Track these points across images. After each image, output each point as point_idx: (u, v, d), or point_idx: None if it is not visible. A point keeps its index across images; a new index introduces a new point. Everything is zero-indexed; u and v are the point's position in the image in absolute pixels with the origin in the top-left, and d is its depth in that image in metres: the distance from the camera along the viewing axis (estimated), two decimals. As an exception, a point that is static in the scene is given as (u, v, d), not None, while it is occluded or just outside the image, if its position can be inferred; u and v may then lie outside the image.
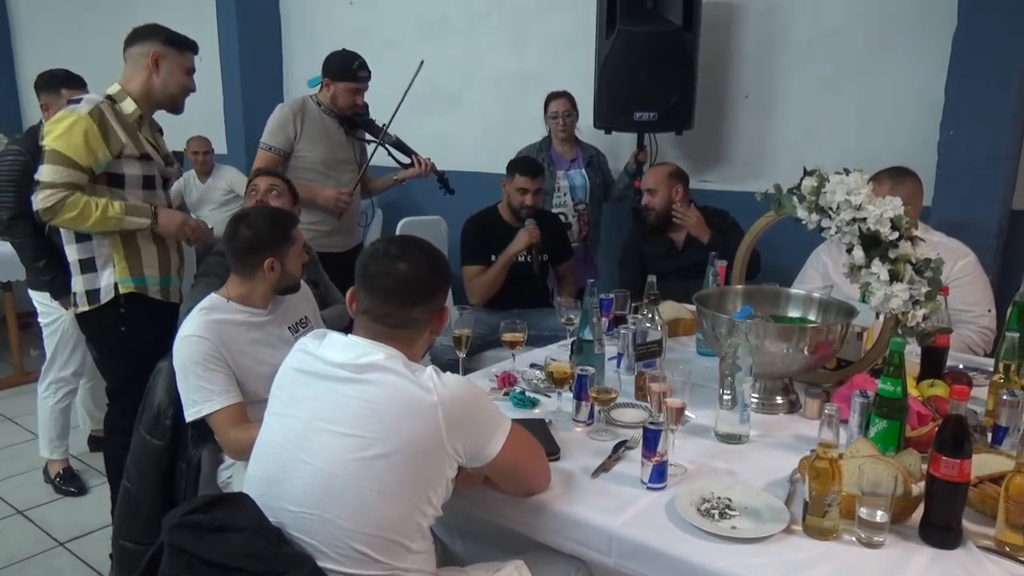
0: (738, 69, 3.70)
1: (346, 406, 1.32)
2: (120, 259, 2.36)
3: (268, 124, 3.18)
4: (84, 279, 2.37)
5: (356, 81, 3.14)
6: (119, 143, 2.29)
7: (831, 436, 1.34)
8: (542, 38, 4.30)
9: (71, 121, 2.21)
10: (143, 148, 2.37)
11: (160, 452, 1.98)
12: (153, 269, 2.42)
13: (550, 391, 1.99)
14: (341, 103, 3.17)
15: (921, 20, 3.17)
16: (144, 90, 2.38)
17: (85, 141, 2.21)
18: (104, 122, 2.25)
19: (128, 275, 2.37)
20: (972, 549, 1.31)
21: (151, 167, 2.41)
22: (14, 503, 3.08)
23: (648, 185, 3.23)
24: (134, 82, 2.38)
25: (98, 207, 2.24)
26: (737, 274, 2.24)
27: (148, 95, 2.39)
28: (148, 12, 6.41)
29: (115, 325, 2.39)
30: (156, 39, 2.38)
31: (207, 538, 1.25)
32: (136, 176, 2.36)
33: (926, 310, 1.82)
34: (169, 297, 2.49)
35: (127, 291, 2.37)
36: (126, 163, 2.33)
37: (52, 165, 2.20)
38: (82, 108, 2.24)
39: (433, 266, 1.45)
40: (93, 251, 2.35)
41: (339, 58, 3.17)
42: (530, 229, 3.18)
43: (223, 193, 4.98)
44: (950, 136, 2.90)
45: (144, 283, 2.40)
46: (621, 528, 1.39)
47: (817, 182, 1.88)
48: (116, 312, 2.38)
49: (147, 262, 2.40)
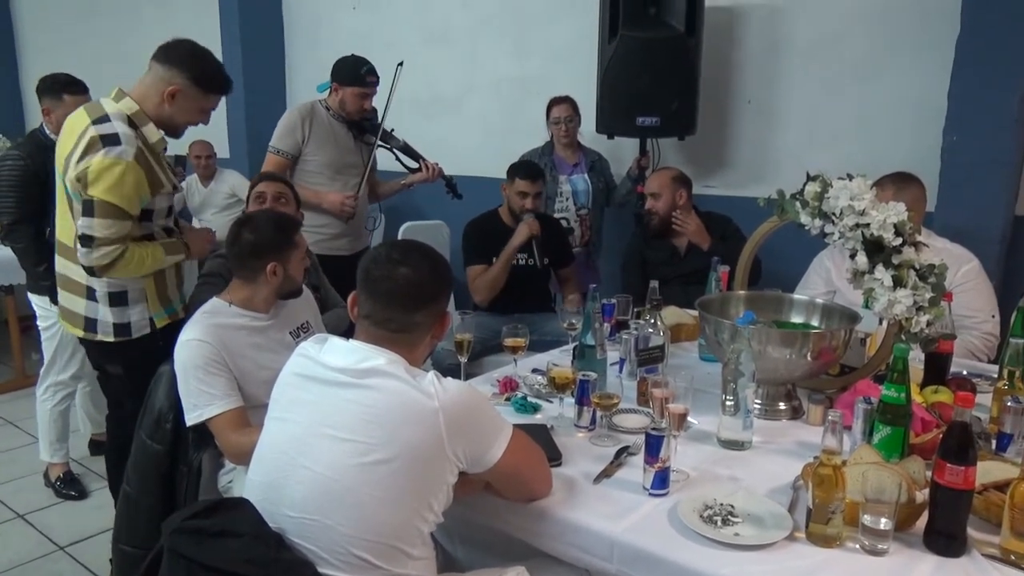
0: (741, 74, 3.70)
1: (347, 411, 1.32)
2: (152, 295, 2.30)
3: (277, 128, 3.20)
4: (113, 311, 2.26)
5: (364, 86, 3.16)
6: (159, 183, 2.21)
7: (834, 442, 1.34)
8: (544, 43, 4.31)
9: (121, 170, 2.07)
10: (172, 180, 2.31)
11: (160, 456, 1.97)
12: (175, 291, 2.40)
13: (552, 396, 1.99)
14: (349, 108, 3.19)
15: (924, 25, 3.17)
16: (156, 115, 2.21)
17: (136, 191, 2.12)
18: (149, 165, 2.16)
19: (160, 307, 2.33)
20: (977, 557, 1.30)
21: (172, 197, 2.36)
22: (14, 507, 3.08)
23: (651, 189, 3.23)
24: (150, 101, 2.20)
25: (149, 257, 2.19)
26: (740, 280, 2.23)
27: (159, 120, 2.23)
28: (152, 16, 6.47)
29: (148, 355, 2.25)
30: (184, 72, 2.18)
31: (207, 543, 1.24)
32: (163, 208, 2.30)
33: (930, 316, 1.82)
34: (180, 315, 2.43)
35: (164, 324, 2.31)
36: (158, 198, 2.25)
37: (106, 219, 2.08)
38: (127, 153, 2.09)
39: (435, 271, 1.44)
40: (125, 285, 2.25)
41: (348, 63, 3.19)
42: (529, 222, 3.18)
43: (225, 197, 4.99)
44: (953, 141, 2.90)
45: (174, 310, 2.38)
46: (623, 534, 1.38)
47: (820, 187, 1.88)
48: (155, 343, 2.30)
49: (171, 288, 2.38)
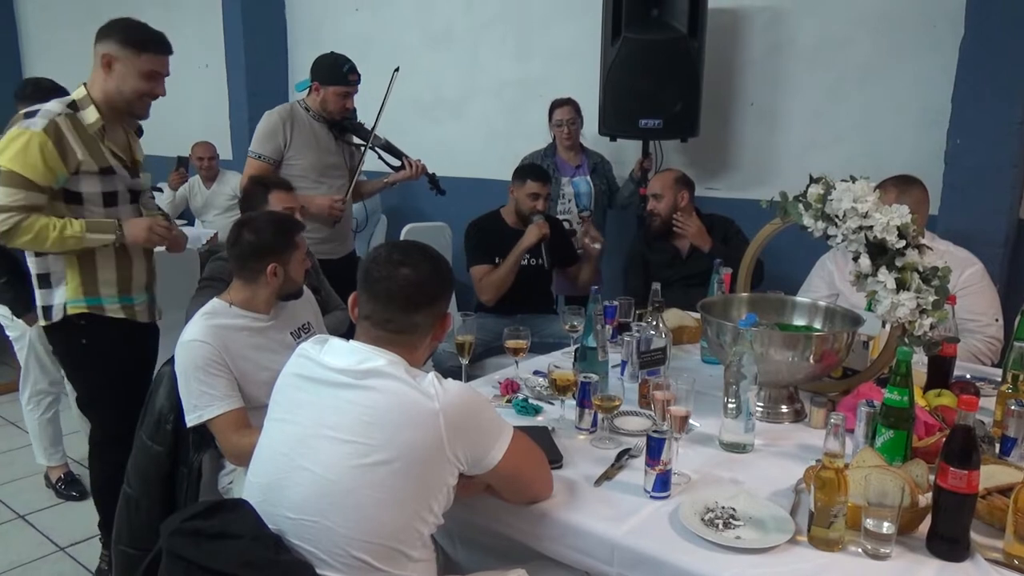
0: (743, 77, 3.70)
1: (347, 412, 1.31)
2: (74, 277, 2.22)
3: (257, 132, 3.13)
4: (41, 294, 2.25)
5: (347, 85, 3.09)
6: (75, 160, 2.13)
7: (837, 446, 1.33)
8: (546, 45, 4.31)
9: (26, 139, 2.06)
10: (105, 162, 2.20)
11: (161, 457, 1.97)
12: (110, 287, 2.28)
13: (553, 398, 1.98)
14: (331, 107, 3.12)
15: (928, 28, 3.17)
16: (103, 94, 2.20)
17: (42, 159, 2.07)
18: (60, 137, 2.10)
19: (81, 295, 2.23)
20: (980, 562, 1.29)
21: (113, 182, 2.23)
22: (15, 507, 3.08)
23: (654, 190, 3.23)
24: (95, 85, 2.21)
25: (55, 228, 2.10)
26: (742, 282, 2.23)
27: (108, 100, 2.21)
28: (155, 19, 6.48)
29: (75, 341, 2.27)
30: (111, 39, 2.18)
31: (206, 545, 1.24)
32: (95, 193, 2.20)
33: (933, 319, 1.81)
34: (135, 316, 2.36)
35: (77, 312, 2.24)
36: (84, 180, 2.17)
37: (10, 187, 2.06)
38: (36, 124, 2.08)
39: (436, 272, 1.44)
40: (49, 267, 2.23)
41: (328, 61, 3.11)
42: (539, 224, 3.17)
43: (228, 198, 4.99)
44: (957, 145, 2.89)
45: (99, 302, 2.26)
46: (624, 537, 1.38)
47: (823, 189, 1.87)
48: (77, 328, 2.25)
49: (104, 279, 2.26)
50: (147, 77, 2.21)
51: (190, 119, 5.90)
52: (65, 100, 2.20)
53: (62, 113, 2.14)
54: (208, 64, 5.77)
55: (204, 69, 5.83)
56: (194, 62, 5.84)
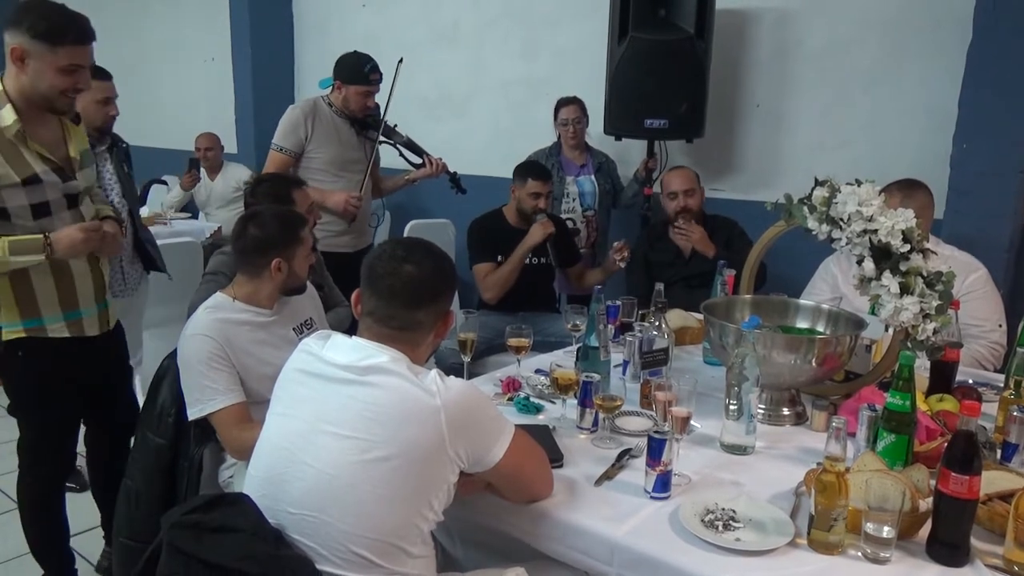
0: (750, 78, 3.69)
1: (349, 408, 1.31)
2: (9, 302, 1.99)
3: (280, 125, 3.19)
4: None
5: (368, 84, 3.16)
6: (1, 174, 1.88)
7: (838, 449, 1.33)
8: (553, 44, 4.30)
9: None
10: (28, 171, 1.92)
11: (162, 450, 1.98)
12: (52, 307, 2.04)
13: (555, 397, 1.98)
14: (353, 106, 3.18)
15: (935, 32, 3.16)
16: (18, 90, 1.92)
17: None
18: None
19: (18, 318, 2.01)
20: (980, 567, 1.29)
21: (42, 191, 1.96)
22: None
23: (684, 186, 3.21)
24: (8, 80, 1.93)
25: None
26: (745, 284, 2.22)
27: (24, 97, 1.93)
28: (161, 12, 6.49)
29: (10, 366, 2.05)
30: (19, 29, 1.87)
31: (206, 539, 1.24)
32: (21, 207, 1.93)
33: (936, 324, 1.80)
34: (83, 331, 2.12)
35: (14, 337, 2.02)
36: (6, 194, 1.90)
37: None
38: None
39: (439, 269, 1.44)
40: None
41: (351, 61, 3.17)
42: (544, 222, 3.17)
43: (232, 191, 4.99)
44: (963, 149, 2.89)
45: (41, 323, 2.03)
46: (623, 538, 1.38)
47: (828, 192, 1.86)
48: (12, 354, 2.03)
49: (44, 300, 2.03)
50: (66, 72, 1.92)
51: (195, 112, 5.92)
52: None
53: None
54: (214, 57, 5.78)
55: (210, 62, 5.85)
56: (200, 55, 5.85)
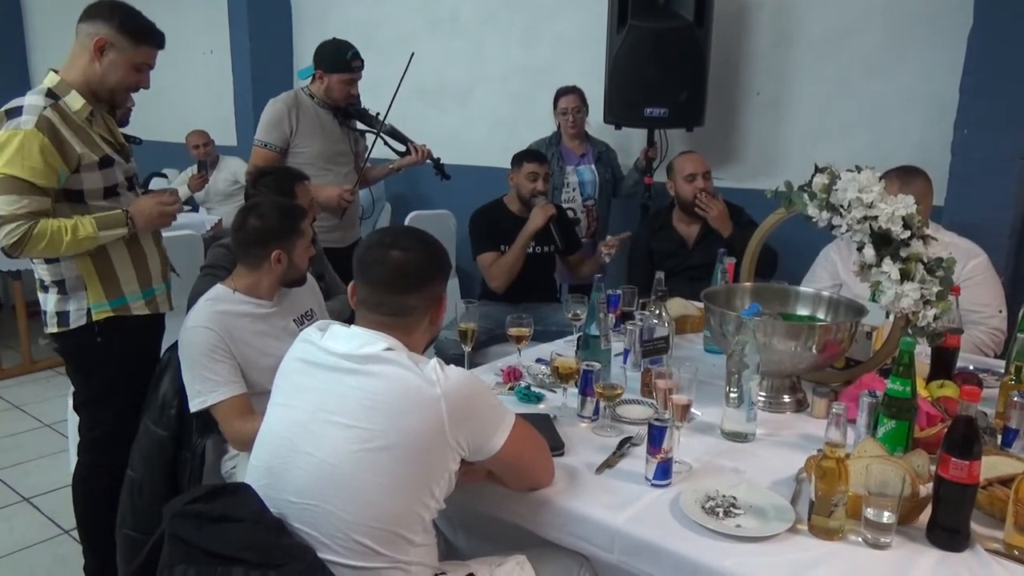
0: (750, 66, 3.68)
1: (349, 397, 1.32)
2: (94, 282, 2.09)
3: (263, 120, 3.10)
4: (54, 300, 2.11)
5: (351, 71, 3.06)
6: (75, 154, 1.98)
7: (838, 435, 1.33)
8: (552, 34, 4.29)
9: (19, 140, 1.90)
10: (101, 151, 2.05)
11: (165, 442, 1.98)
12: (132, 284, 2.16)
13: (555, 386, 1.98)
14: (336, 95, 3.09)
15: (935, 18, 3.15)
16: (85, 79, 2.04)
17: (43, 159, 1.91)
18: (55, 132, 1.95)
19: (104, 299, 2.10)
20: (980, 552, 1.29)
21: (112, 173, 2.09)
22: (21, 490, 3.10)
23: (702, 168, 3.16)
24: (75, 68, 2.04)
25: (68, 231, 1.96)
26: (746, 271, 2.22)
27: (88, 84, 2.05)
28: (159, 8, 6.46)
29: (90, 349, 2.14)
30: (109, 22, 2.01)
31: (207, 528, 1.24)
32: (96, 189, 2.05)
33: (937, 310, 1.80)
34: (157, 308, 2.25)
35: (103, 317, 2.11)
36: (85, 175, 2.02)
37: (11, 195, 1.91)
38: (26, 121, 1.93)
39: (427, 253, 1.44)
40: (63, 273, 2.08)
41: (331, 49, 3.07)
42: (543, 205, 3.15)
43: (229, 184, 5.00)
44: (964, 136, 2.88)
45: (124, 302, 2.14)
46: (624, 525, 1.38)
47: (828, 179, 1.86)
48: (91, 337, 2.12)
49: (124, 278, 2.14)
50: (137, 69, 2.08)
51: (194, 105, 5.90)
52: (41, 90, 2.02)
53: (47, 105, 1.97)
54: (213, 50, 5.77)
55: (209, 55, 5.83)
56: (198, 48, 5.83)
